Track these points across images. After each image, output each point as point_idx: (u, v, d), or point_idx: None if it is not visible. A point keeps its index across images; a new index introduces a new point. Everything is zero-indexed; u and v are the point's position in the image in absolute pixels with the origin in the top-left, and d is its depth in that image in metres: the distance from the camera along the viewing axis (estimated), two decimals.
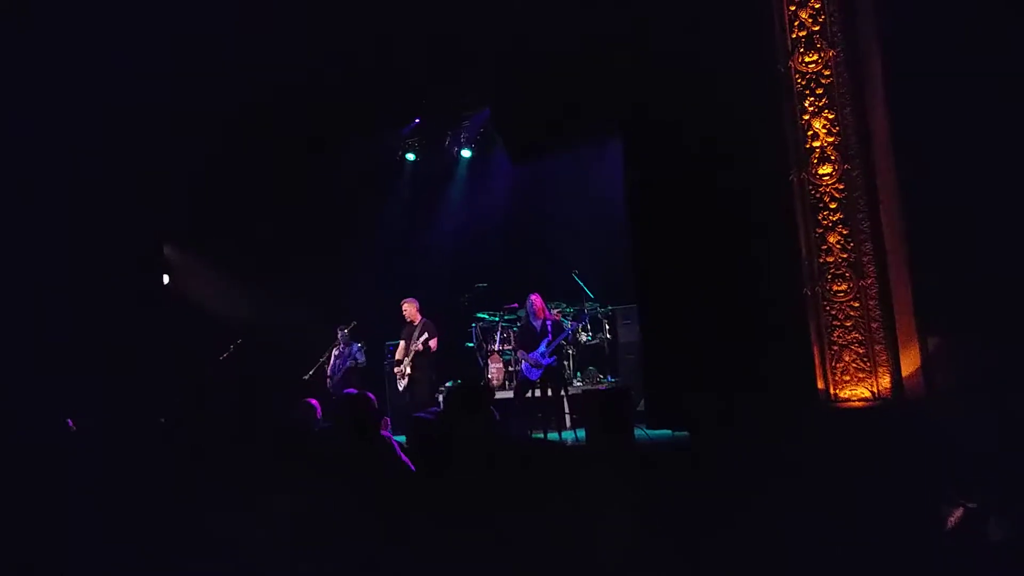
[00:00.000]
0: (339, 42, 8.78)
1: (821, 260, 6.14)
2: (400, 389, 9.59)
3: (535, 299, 8.98)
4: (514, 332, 10.37)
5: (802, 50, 6.27)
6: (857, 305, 6.02)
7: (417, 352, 9.35)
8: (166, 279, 11.06)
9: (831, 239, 6.11)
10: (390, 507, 4.08)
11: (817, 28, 6.25)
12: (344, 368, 9.90)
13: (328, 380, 9.97)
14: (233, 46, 8.45)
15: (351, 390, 6.16)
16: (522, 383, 9.02)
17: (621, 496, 4.72)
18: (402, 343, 9.63)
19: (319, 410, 6.39)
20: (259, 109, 9.50)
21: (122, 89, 8.61)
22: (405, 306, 9.68)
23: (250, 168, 10.46)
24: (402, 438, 6.75)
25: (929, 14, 5.75)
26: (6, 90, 8.25)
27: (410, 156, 12.07)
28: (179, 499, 4.79)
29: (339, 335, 10.08)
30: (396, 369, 9.64)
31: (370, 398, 5.16)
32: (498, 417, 4.68)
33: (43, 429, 6.05)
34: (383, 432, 5.05)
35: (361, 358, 10.09)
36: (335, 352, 10.10)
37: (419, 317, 9.60)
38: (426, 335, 9.32)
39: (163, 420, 7.51)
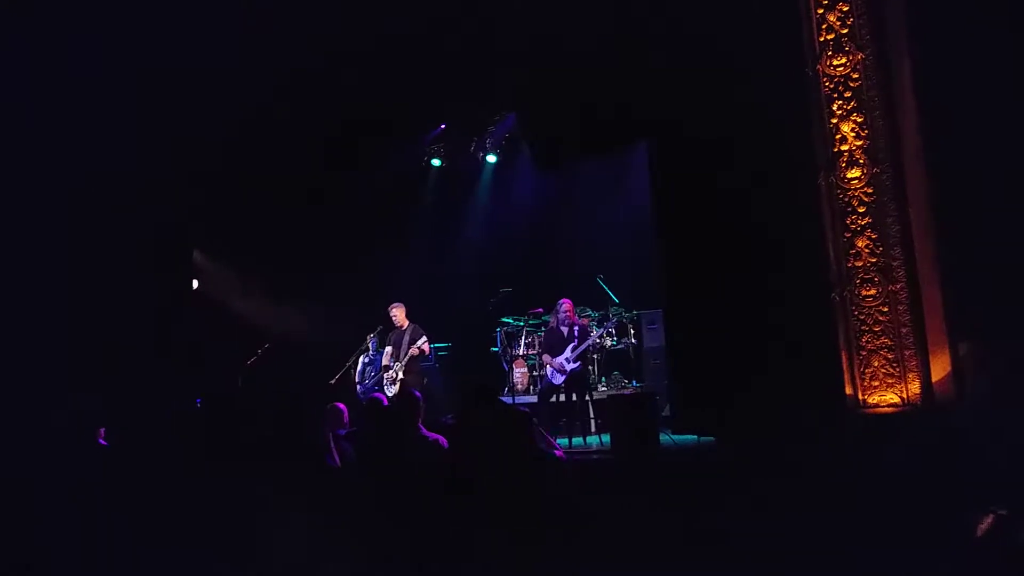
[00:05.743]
0: (364, 49, 8.81)
1: (849, 264, 6.08)
2: (390, 394, 9.13)
3: (566, 304, 8.98)
4: (539, 337, 10.37)
5: (830, 53, 6.23)
6: (886, 310, 5.96)
7: (412, 357, 9.31)
8: (195, 283, 11.15)
9: (860, 243, 6.06)
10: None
11: (845, 31, 6.21)
12: (376, 375, 9.89)
13: (358, 387, 9.96)
14: (252, 48, 8.45)
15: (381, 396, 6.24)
16: (547, 388, 9.01)
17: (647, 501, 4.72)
18: (389, 348, 9.56)
19: (346, 414, 6.43)
20: (286, 115, 9.54)
21: (132, 83, 8.53)
22: (394, 311, 9.64)
23: (276, 174, 10.52)
24: None
25: (960, 15, 5.68)
26: (6, 90, 8.27)
27: (436, 162, 12.12)
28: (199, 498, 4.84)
29: (369, 342, 10.09)
30: (386, 375, 9.48)
31: (418, 397, 5.27)
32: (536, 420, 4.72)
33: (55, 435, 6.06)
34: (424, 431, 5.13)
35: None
36: (364, 360, 10.09)
37: (407, 322, 9.58)
38: (424, 338, 9.30)
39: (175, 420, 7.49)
